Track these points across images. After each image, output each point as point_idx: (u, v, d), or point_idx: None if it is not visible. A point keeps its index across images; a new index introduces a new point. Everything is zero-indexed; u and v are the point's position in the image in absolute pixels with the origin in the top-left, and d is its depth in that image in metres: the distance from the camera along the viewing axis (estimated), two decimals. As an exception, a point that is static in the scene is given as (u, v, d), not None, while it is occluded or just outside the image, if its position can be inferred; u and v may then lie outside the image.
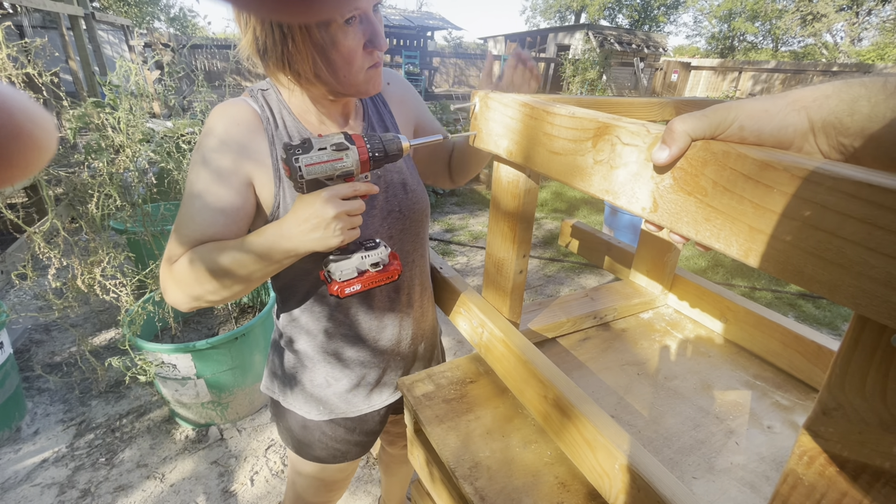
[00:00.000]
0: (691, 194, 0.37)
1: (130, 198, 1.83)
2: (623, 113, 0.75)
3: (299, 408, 0.84)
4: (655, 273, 0.99)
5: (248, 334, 1.65)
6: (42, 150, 0.18)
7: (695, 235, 0.38)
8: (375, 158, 0.61)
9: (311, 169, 0.57)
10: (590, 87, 11.48)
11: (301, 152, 0.57)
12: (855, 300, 0.27)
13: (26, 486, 1.53)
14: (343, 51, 0.61)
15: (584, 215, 4.44)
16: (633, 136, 0.42)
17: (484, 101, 0.63)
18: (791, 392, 0.77)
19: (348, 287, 0.66)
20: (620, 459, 0.53)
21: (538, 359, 0.69)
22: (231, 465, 1.64)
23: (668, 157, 0.37)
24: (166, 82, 2.03)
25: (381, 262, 0.68)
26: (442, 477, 0.76)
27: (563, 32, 16.38)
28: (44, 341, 2.27)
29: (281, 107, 0.70)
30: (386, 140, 0.61)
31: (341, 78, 0.64)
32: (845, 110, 0.30)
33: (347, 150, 0.58)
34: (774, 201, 0.31)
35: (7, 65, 1.57)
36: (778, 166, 0.31)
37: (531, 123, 0.55)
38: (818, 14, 19.02)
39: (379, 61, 0.67)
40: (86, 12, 5.29)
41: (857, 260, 0.27)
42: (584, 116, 0.47)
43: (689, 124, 0.35)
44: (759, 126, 0.33)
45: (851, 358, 0.29)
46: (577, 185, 0.49)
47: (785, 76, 13.04)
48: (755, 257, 0.33)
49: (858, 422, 0.29)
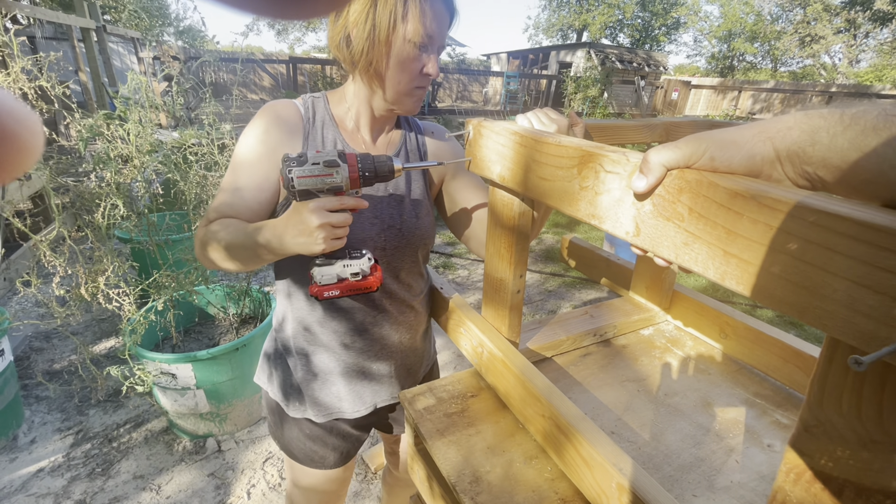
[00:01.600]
0: (670, 220, 0.39)
1: (136, 207, 1.86)
2: (630, 135, 0.78)
3: (276, 395, 0.90)
4: (655, 289, 1.00)
5: (249, 345, 1.65)
6: (29, 151, 0.18)
7: (675, 259, 0.39)
8: (366, 177, 0.66)
9: (302, 181, 0.64)
10: (591, 104, 11.63)
11: (295, 165, 0.63)
12: (822, 321, 0.28)
13: (21, 496, 1.52)
14: (408, 64, 0.72)
15: (585, 231, 4.46)
16: (614, 164, 0.44)
17: (477, 130, 0.66)
18: (791, 411, 0.78)
19: (326, 291, 0.72)
20: (617, 478, 0.54)
21: (537, 378, 0.69)
22: (228, 477, 1.63)
23: (646, 185, 0.39)
24: (174, 94, 2.07)
25: (361, 272, 0.72)
26: (442, 492, 0.76)
27: (566, 50, 16.64)
28: (44, 349, 2.27)
29: (325, 112, 0.80)
30: (378, 161, 0.67)
31: (395, 84, 0.74)
32: (807, 140, 0.32)
33: (338, 168, 0.64)
34: (744, 227, 0.32)
35: (21, 77, 1.60)
36: (746, 194, 0.32)
37: (522, 151, 0.58)
38: (816, 36, 19.34)
39: (426, 86, 0.77)
40: (97, 25, 5.41)
41: (820, 283, 0.28)
42: (570, 144, 0.49)
43: (663, 156, 0.37)
44: (729, 156, 0.35)
45: (827, 377, 0.30)
46: (566, 210, 0.51)
47: (784, 96, 13.20)
48: (731, 280, 0.34)
49: (838, 439, 0.30)
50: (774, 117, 0.35)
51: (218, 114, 2.28)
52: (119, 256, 1.70)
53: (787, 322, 2.95)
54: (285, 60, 12.96)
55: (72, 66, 5.10)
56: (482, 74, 15.91)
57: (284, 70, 14.49)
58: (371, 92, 0.77)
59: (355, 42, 0.71)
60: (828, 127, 0.30)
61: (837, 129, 0.30)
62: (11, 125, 0.17)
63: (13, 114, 0.17)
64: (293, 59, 13.05)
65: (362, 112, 0.80)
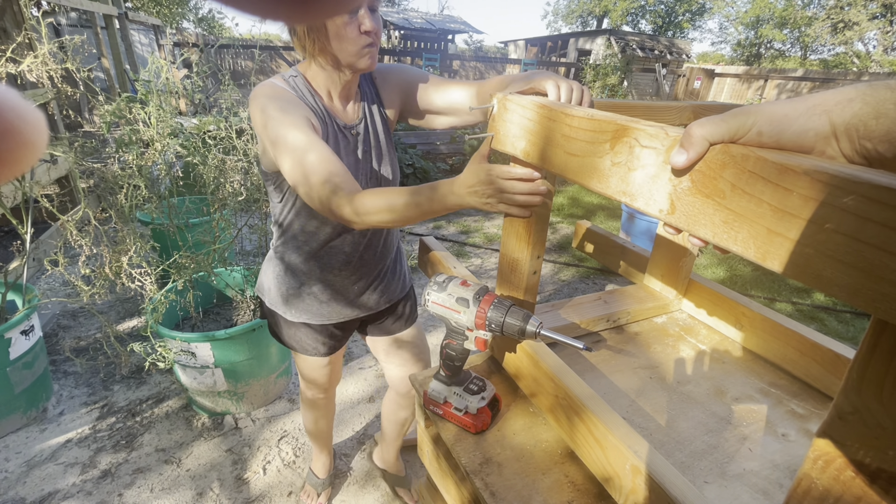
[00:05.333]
0: (709, 197, 0.37)
1: (157, 190, 1.90)
2: (641, 116, 0.76)
3: (280, 309, 1.07)
4: (670, 278, 0.99)
5: (266, 326, 1.69)
6: (32, 147, 0.18)
7: (712, 238, 0.38)
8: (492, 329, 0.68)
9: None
10: (610, 92, 11.38)
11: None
12: (874, 304, 0.27)
13: (51, 464, 1.60)
14: (343, 31, 0.80)
15: (601, 220, 4.41)
16: (651, 138, 0.42)
17: (502, 104, 0.64)
18: (807, 401, 0.76)
19: (432, 405, 0.76)
20: (631, 459, 0.54)
21: (550, 359, 0.69)
22: (245, 453, 1.68)
23: (686, 160, 0.37)
24: (194, 80, 2.10)
25: (465, 408, 0.72)
26: (452, 472, 0.77)
27: (585, 37, 16.25)
28: (70, 326, 2.36)
29: (305, 87, 0.89)
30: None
31: (343, 53, 0.82)
32: (870, 113, 0.30)
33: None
34: (793, 204, 0.31)
35: (48, 59, 1.64)
36: (798, 169, 0.31)
37: (548, 125, 0.56)
38: (850, 22, 18.48)
39: (372, 42, 0.83)
40: (119, 12, 5.48)
41: (877, 263, 0.27)
42: (603, 118, 0.48)
43: (707, 129, 0.35)
44: (779, 131, 0.33)
45: (869, 362, 0.29)
46: (594, 187, 0.49)
47: (813, 85, 12.69)
48: (773, 260, 0.33)
49: (875, 426, 0.29)
50: (832, 90, 0.33)
51: (236, 99, 2.30)
52: (141, 238, 1.75)
53: (806, 316, 2.88)
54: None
55: (96, 52, 5.19)
56: (499, 62, 15.67)
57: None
58: (330, 66, 0.86)
59: (298, 30, 0.83)
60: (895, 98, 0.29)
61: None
62: (14, 121, 0.17)
63: (16, 110, 0.17)
64: (310, 45, 12.99)
65: (331, 84, 0.89)
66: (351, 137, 0.92)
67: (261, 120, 0.81)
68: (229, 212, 1.90)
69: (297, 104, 0.82)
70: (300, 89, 0.87)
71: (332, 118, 0.89)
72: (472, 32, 15.87)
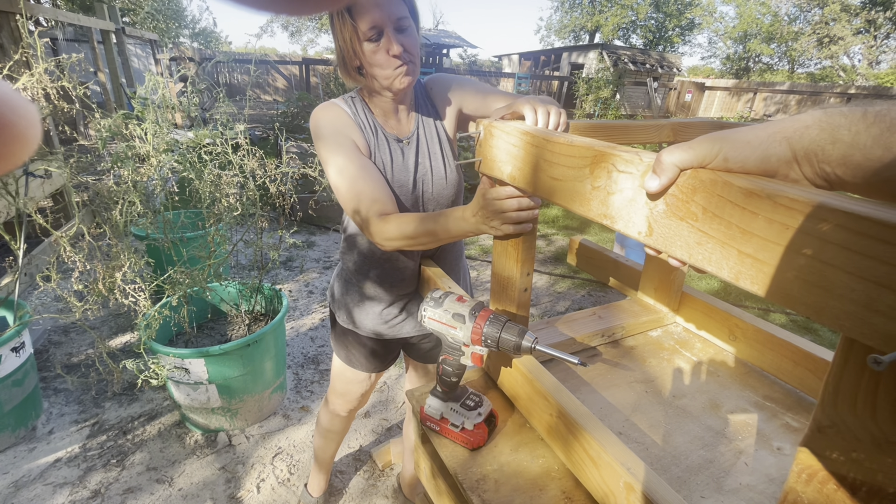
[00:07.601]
0: (683, 219, 0.38)
1: (152, 205, 1.89)
2: (620, 136, 0.78)
3: (336, 311, 1.15)
4: (663, 291, 1.00)
5: (260, 341, 1.68)
6: (26, 141, 0.18)
7: (688, 259, 0.39)
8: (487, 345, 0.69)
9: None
10: (603, 105, 11.54)
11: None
12: (839, 322, 0.28)
13: (39, 484, 1.56)
14: (374, 58, 0.86)
15: (596, 232, 4.44)
16: (627, 163, 0.43)
17: (488, 130, 0.67)
18: (802, 414, 0.77)
19: (429, 421, 0.75)
20: (625, 477, 0.54)
21: (544, 377, 0.70)
22: (238, 471, 1.65)
23: (659, 185, 0.39)
24: (189, 95, 2.11)
25: (461, 425, 0.72)
26: (448, 489, 0.76)
27: (578, 51, 16.54)
28: (62, 342, 2.33)
29: (364, 106, 0.97)
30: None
31: (379, 76, 0.88)
32: (827, 139, 0.31)
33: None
34: (759, 227, 0.32)
35: (44, 78, 1.65)
36: (761, 193, 0.32)
37: (532, 151, 0.58)
38: (835, 37, 18.96)
39: (402, 63, 0.86)
40: (116, 27, 5.52)
41: (839, 283, 0.28)
42: (581, 144, 0.49)
43: (676, 156, 0.37)
44: (744, 157, 0.35)
45: (842, 377, 0.30)
46: (577, 210, 0.51)
47: (801, 97, 12.95)
48: (745, 280, 0.34)
49: (852, 439, 0.30)
50: (791, 117, 0.34)
51: (232, 114, 2.31)
52: (135, 253, 1.74)
53: (800, 327, 2.90)
54: (298, 62, 13.08)
55: (92, 68, 5.22)
56: (493, 76, 15.89)
57: (297, 71, 14.63)
58: (375, 89, 0.93)
59: (341, 62, 0.92)
60: (849, 125, 0.30)
61: (860, 126, 0.29)
62: (8, 115, 0.17)
63: (10, 104, 0.17)
64: (306, 60, 13.16)
65: (381, 102, 0.96)
66: (403, 148, 0.98)
67: (314, 139, 0.93)
68: (224, 226, 1.90)
69: (345, 126, 0.92)
70: (356, 107, 0.95)
71: (384, 132, 0.96)
72: (467, 47, 16.13)
